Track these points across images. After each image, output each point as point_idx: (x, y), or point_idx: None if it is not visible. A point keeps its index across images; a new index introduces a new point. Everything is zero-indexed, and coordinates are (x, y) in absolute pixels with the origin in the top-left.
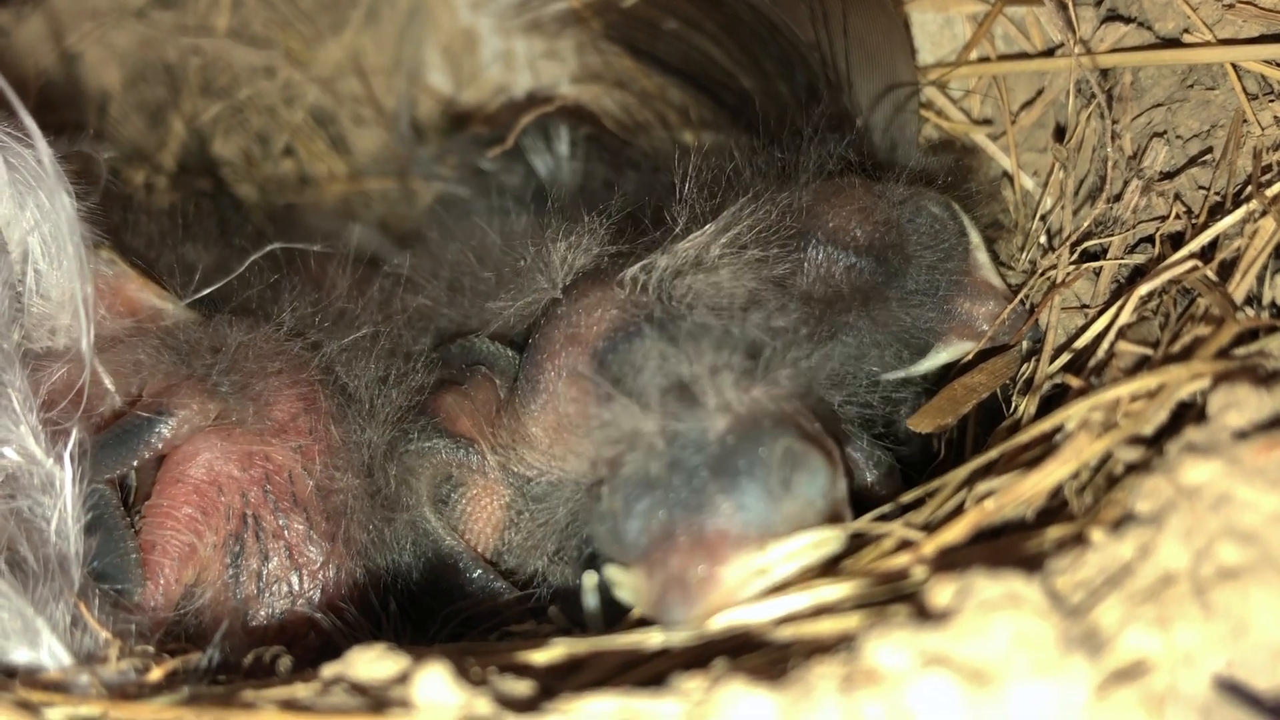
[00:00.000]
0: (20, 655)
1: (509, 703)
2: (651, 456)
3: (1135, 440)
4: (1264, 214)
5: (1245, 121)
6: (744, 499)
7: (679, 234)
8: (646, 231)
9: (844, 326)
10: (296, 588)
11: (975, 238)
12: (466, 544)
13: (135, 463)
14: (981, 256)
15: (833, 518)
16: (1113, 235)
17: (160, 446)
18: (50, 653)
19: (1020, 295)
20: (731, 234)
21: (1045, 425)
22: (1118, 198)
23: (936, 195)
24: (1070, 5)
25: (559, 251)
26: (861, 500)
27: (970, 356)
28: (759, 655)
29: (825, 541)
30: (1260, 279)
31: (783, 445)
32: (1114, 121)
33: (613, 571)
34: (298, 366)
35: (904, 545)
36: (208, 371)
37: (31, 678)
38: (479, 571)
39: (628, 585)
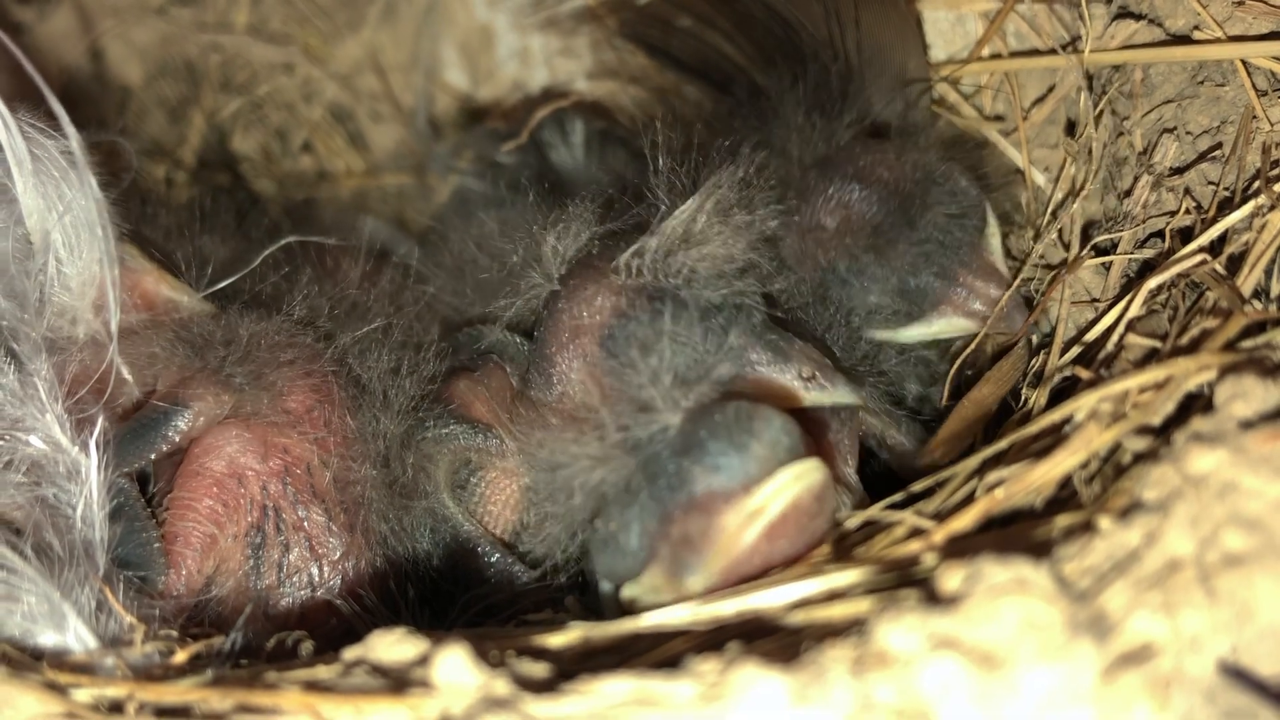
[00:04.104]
0: (47, 638)
1: (527, 684)
2: (625, 471)
3: (1143, 430)
4: (1272, 208)
5: (1255, 117)
6: (716, 459)
7: (664, 211)
8: (629, 207)
9: (851, 265)
10: (316, 578)
11: (993, 224)
12: (485, 528)
13: (153, 455)
14: (995, 243)
15: (801, 455)
16: (1123, 230)
17: (177, 439)
18: (76, 636)
19: (1020, 286)
20: (714, 201)
21: (1055, 416)
22: (1128, 193)
23: (969, 173)
24: (1082, 2)
25: (549, 244)
26: (896, 474)
27: (963, 342)
28: (772, 639)
29: (807, 472)
30: (1268, 272)
31: (733, 406)
32: (1124, 118)
33: (630, 588)
34: (310, 357)
35: (915, 532)
36: (221, 363)
37: (58, 660)
38: (497, 556)
39: (647, 587)
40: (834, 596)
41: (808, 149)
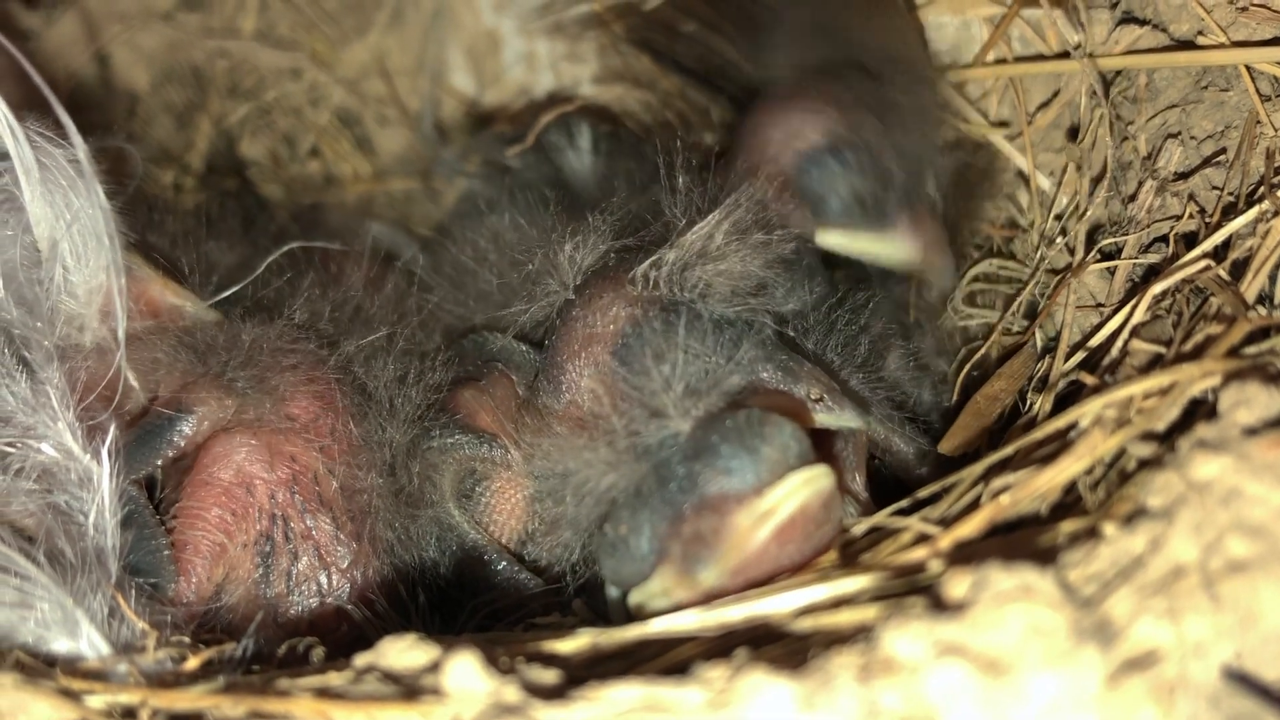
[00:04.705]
0: (60, 645)
1: (537, 691)
2: (634, 477)
3: (1148, 436)
4: (1276, 214)
5: (1258, 123)
6: (728, 462)
7: (683, 226)
8: (647, 223)
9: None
10: (325, 586)
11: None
12: (491, 537)
13: (160, 462)
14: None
15: (811, 461)
16: (1127, 234)
17: (183, 445)
18: (89, 643)
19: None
20: (733, 220)
21: (1060, 422)
22: (1132, 198)
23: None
24: (1083, 8)
25: (566, 253)
26: (899, 480)
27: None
28: (779, 645)
29: (816, 477)
30: (1272, 278)
31: (744, 413)
32: (1128, 123)
33: (637, 594)
34: (313, 363)
35: (921, 539)
36: (223, 368)
37: (72, 667)
38: (504, 564)
39: (655, 591)
40: (841, 603)
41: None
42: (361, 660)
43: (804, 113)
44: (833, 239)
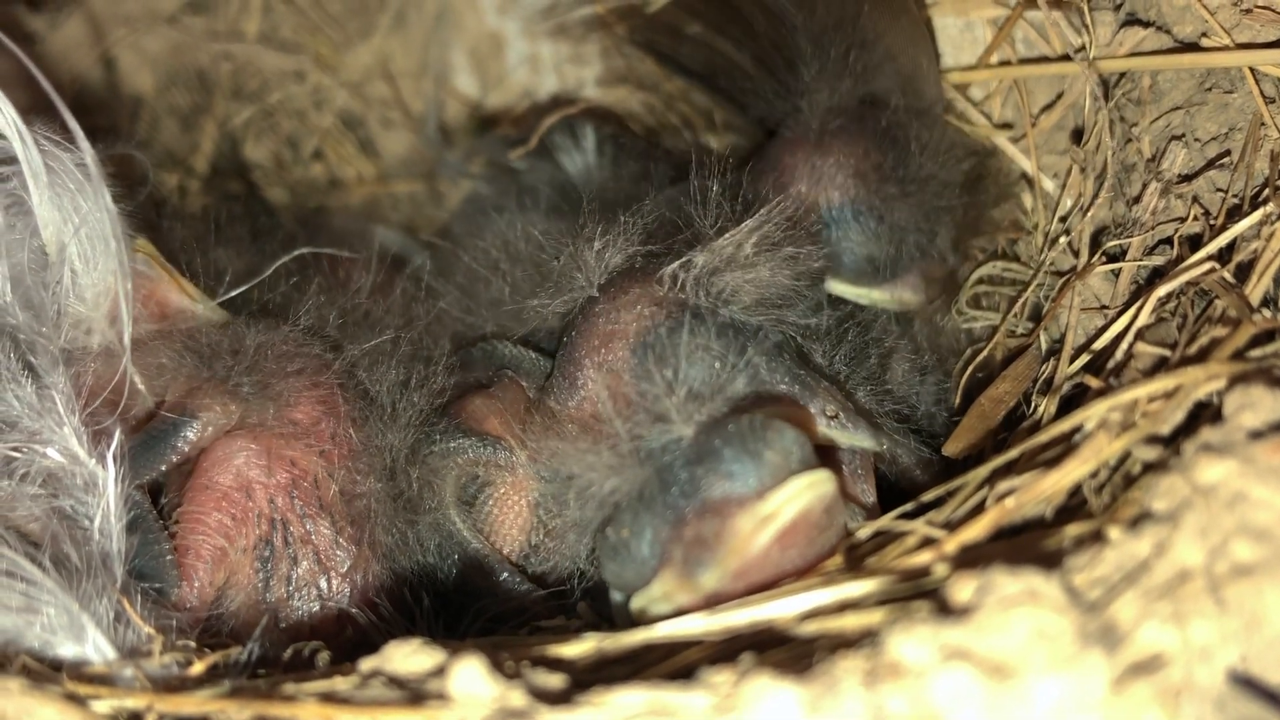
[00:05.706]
0: (67, 650)
1: (542, 695)
2: (638, 481)
3: (1153, 440)
4: None
5: (1263, 125)
6: (730, 466)
7: (713, 233)
8: (676, 230)
9: (878, 196)
10: (325, 591)
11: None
12: (492, 545)
13: (164, 467)
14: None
15: (813, 466)
16: (1132, 236)
17: (187, 450)
18: (95, 647)
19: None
20: (763, 231)
21: (1065, 425)
22: (1137, 199)
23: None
24: (1087, 10)
25: (594, 250)
26: (903, 489)
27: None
28: (785, 650)
29: (819, 482)
30: (1277, 281)
31: (747, 418)
32: (1133, 125)
33: (639, 598)
34: (318, 368)
35: (926, 543)
36: (228, 373)
37: (78, 671)
38: (505, 574)
39: (657, 596)
40: (846, 607)
41: (841, 88)
42: (367, 665)
43: (834, 169)
44: (839, 288)
